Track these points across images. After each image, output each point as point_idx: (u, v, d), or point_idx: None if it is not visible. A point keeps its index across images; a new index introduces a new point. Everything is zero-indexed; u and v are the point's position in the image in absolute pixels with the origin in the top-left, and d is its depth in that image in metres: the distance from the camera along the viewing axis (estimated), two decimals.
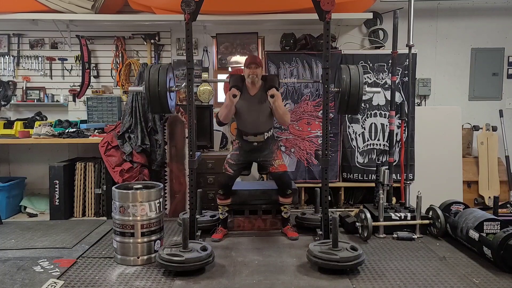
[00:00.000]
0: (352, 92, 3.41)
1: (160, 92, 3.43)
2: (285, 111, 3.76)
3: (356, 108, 3.53)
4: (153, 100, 3.47)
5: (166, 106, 3.53)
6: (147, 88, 3.44)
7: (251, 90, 3.77)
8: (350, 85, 3.40)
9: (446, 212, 3.84)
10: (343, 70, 3.49)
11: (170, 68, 3.63)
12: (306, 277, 2.97)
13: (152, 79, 3.42)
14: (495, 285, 2.85)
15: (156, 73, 3.44)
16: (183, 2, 3.32)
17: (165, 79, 3.45)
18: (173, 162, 4.56)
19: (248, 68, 3.69)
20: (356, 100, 3.43)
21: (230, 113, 3.72)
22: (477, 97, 5.27)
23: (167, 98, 3.49)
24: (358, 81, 3.40)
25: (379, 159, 4.79)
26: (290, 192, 3.80)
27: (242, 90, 3.72)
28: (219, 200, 3.85)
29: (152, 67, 3.51)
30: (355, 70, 3.46)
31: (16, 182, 4.78)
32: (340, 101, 3.51)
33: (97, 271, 3.09)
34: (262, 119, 3.76)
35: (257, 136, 3.77)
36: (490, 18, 5.18)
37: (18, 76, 5.16)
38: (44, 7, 4.61)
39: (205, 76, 5.06)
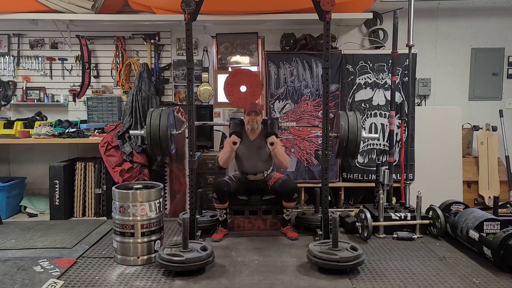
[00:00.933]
0: (350, 138, 3.44)
1: (161, 137, 3.45)
2: (284, 157, 3.84)
3: (354, 154, 3.57)
4: (154, 144, 3.49)
5: (166, 149, 3.55)
6: (148, 133, 3.46)
7: (251, 136, 3.88)
8: (348, 132, 3.44)
9: (446, 212, 3.84)
10: (341, 117, 3.52)
11: (171, 112, 3.67)
12: (306, 277, 2.97)
13: (154, 124, 3.44)
14: (495, 285, 2.85)
15: (157, 118, 3.46)
16: (183, 2, 3.32)
17: (166, 124, 3.46)
18: (173, 162, 4.56)
19: (247, 115, 3.78)
20: (354, 146, 3.47)
21: (230, 158, 3.83)
22: (477, 97, 5.27)
23: (168, 142, 3.51)
24: (356, 128, 3.44)
25: (379, 159, 4.79)
26: (296, 196, 3.82)
27: (242, 136, 3.81)
28: (215, 203, 3.86)
29: (154, 112, 3.53)
30: (353, 117, 3.49)
31: (16, 182, 4.78)
32: (339, 147, 3.54)
33: (97, 271, 3.09)
34: (262, 162, 3.89)
35: (257, 175, 3.92)
36: (490, 18, 5.18)
37: (18, 76, 5.16)
38: (44, 7, 4.60)
39: (205, 76, 5.05)
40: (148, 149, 3.66)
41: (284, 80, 4.82)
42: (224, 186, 3.77)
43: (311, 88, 4.83)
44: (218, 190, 3.77)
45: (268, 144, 3.71)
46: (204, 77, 5.05)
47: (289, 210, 3.89)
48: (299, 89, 4.83)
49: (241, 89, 4.38)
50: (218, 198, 3.78)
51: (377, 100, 4.82)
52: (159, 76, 5.07)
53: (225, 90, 4.63)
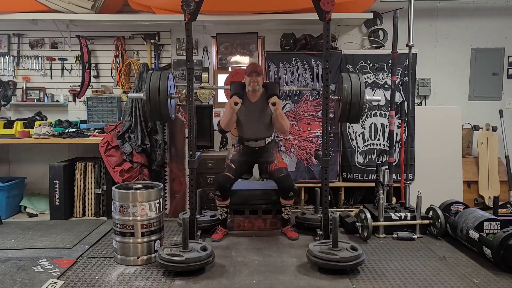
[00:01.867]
0: (353, 101, 3.41)
1: (160, 99, 3.43)
2: (285, 120, 3.78)
3: (357, 117, 3.54)
4: (154, 107, 3.46)
5: (166, 113, 3.52)
6: (147, 95, 3.44)
7: (252, 98, 3.80)
8: (351, 94, 3.40)
9: (446, 212, 3.84)
10: (344, 79, 3.49)
11: (171, 74, 3.63)
12: (306, 277, 2.97)
13: (153, 86, 3.42)
14: (495, 285, 2.85)
15: (157, 80, 3.43)
16: (183, 2, 3.32)
17: (166, 86, 3.44)
18: (173, 162, 4.56)
19: (249, 76, 3.71)
20: (357, 109, 3.44)
21: (232, 121, 3.74)
22: (477, 97, 5.27)
23: (167, 105, 3.49)
24: (359, 90, 3.41)
25: (379, 159, 4.79)
26: (292, 194, 3.79)
27: (243, 98, 3.74)
28: (217, 201, 3.84)
29: (153, 74, 3.50)
30: (356, 79, 3.46)
31: (16, 182, 4.78)
32: (342, 110, 3.51)
33: (97, 271, 3.09)
34: (263, 126, 3.80)
35: (258, 141, 3.82)
36: (490, 18, 5.18)
37: (18, 76, 5.16)
38: (44, 7, 4.60)
39: (205, 76, 5.05)
40: (147, 113, 3.61)
41: (284, 80, 4.82)
42: (226, 182, 3.76)
43: None
44: (221, 186, 3.75)
45: (270, 104, 3.63)
46: (204, 77, 5.05)
47: (287, 209, 3.88)
48: None
49: None
50: (221, 195, 3.77)
51: None
52: None
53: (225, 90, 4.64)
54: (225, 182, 3.76)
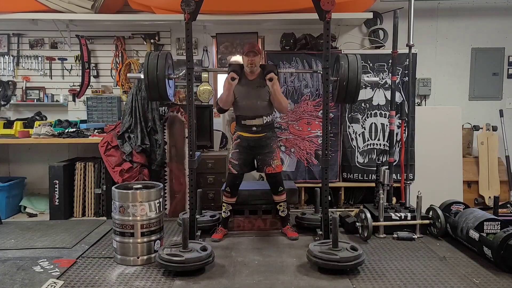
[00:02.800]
0: (350, 79, 3.41)
1: (158, 77, 3.43)
2: (283, 97, 3.76)
3: (354, 96, 3.52)
4: (152, 86, 3.47)
5: (164, 93, 3.52)
6: (145, 74, 3.44)
7: (250, 76, 3.77)
8: (348, 72, 3.40)
9: (446, 212, 3.84)
10: (341, 58, 3.50)
11: (169, 55, 3.65)
12: (306, 277, 2.97)
13: (151, 65, 3.42)
14: (495, 285, 2.85)
15: (155, 59, 3.44)
16: (183, 2, 3.32)
17: (164, 66, 3.45)
18: (173, 162, 4.55)
19: (246, 56, 3.67)
20: (355, 87, 3.44)
21: (230, 97, 3.72)
22: (477, 97, 5.27)
23: (165, 85, 3.49)
24: (356, 68, 3.41)
25: (379, 159, 4.79)
26: (281, 189, 3.83)
27: (241, 76, 3.72)
28: (225, 197, 3.85)
29: (152, 54, 3.51)
30: (353, 58, 3.47)
31: (16, 182, 4.78)
32: (339, 90, 3.51)
33: (97, 271, 3.09)
34: (261, 103, 3.76)
35: (256, 119, 3.76)
36: (490, 18, 5.18)
37: (18, 76, 5.16)
38: (44, 7, 4.60)
39: (205, 76, 5.05)
40: (146, 93, 3.62)
41: (284, 80, 4.82)
42: (235, 179, 3.80)
43: (311, 88, 4.82)
44: (232, 184, 3.80)
45: (267, 80, 3.61)
46: (204, 77, 5.05)
47: (281, 205, 3.87)
48: (299, 89, 4.83)
49: None
50: (231, 191, 3.81)
51: (377, 100, 4.82)
52: None
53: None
54: (235, 179, 3.80)
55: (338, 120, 4.82)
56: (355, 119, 4.85)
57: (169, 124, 4.55)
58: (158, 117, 4.45)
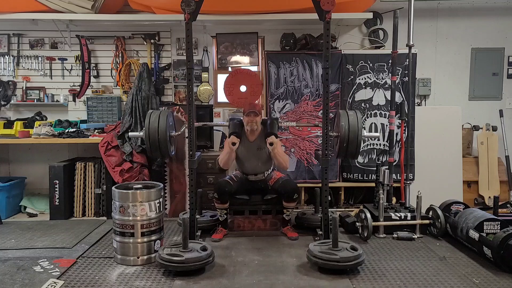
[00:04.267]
0: (351, 138, 3.42)
1: (160, 139, 3.45)
2: (284, 157, 3.83)
3: (355, 154, 3.54)
4: (153, 146, 3.49)
5: (166, 152, 3.55)
6: (147, 135, 3.46)
7: (250, 137, 3.86)
8: (348, 132, 3.41)
9: (446, 212, 3.84)
10: (342, 116, 3.50)
11: (170, 113, 3.66)
12: (306, 277, 2.97)
13: (152, 127, 3.44)
14: (495, 285, 2.85)
15: (156, 121, 3.46)
16: (183, 2, 3.32)
17: (165, 126, 3.46)
18: (173, 162, 4.56)
19: (247, 116, 3.75)
20: (355, 146, 3.45)
21: (230, 159, 3.81)
22: (477, 97, 5.27)
23: (167, 144, 3.50)
24: (356, 127, 3.41)
25: (379, 159, 4.79)
26: (296, 197, 3.82)
27: (241, 136, 3.80)
28: (216, 203, 3.86)
29: (153, 114, 3.52)
30: (354, 117, 3.46)
31: (16, 182, 4.78)
32: (339, 147, 3.53)
33: (97, 271, 3.09)
34: (262, 163, 3.88)
35: (258, 175, 3.91)
36: (490, 18, 5.18)
37: (18, 76, 5.16)
38: (44, 7, 4.60)
39: (205, 76, 5.05)
40: (147, 151, 3.66)
41: (284, 80, 4.82)
42: (225, 186, 3.77)
43: (311, 88, 4.83)
44: (220, 190, 3.76)
45: (267, 144, 3.70)
46: (204, 77, 5.05)
47: (289, 210, 3.89)
48: (299, 89, 4.83)
49: (241, 89, 4.38)
50: (219, 198, 3.78)
51: (377, 100, 4.82)
52: (159, 76, 5.07)
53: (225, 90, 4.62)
54: (224, 186, 3.78)
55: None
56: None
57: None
58: None
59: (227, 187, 3.77)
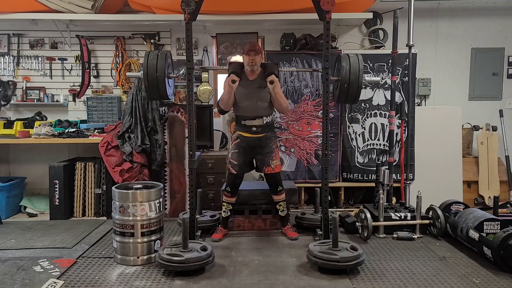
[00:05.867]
0: (351, 79, 3.41)
1: (158, 77, 3.43)
2: (283, 99, 3.76)
3: (355, 97, 3.52)
4: (152, 86, 3.47)
5: (164, 92, 3.52)
6: (145, 73, 3.44)
7: (250, 76, 3.76)
8: (349, 73, 3.40)
9: (446, 212, 3.84)
10: (343, 59, 3.49)
11: (169, 54, 3.65)
12: (306, 277, 2.97)
13: (151, 65, 3.42)
14: (495, 285, 2.85)
15: (154, 59, 3.44)
16: (183, 2, 3.32)
17: (164, 65, 3.45)
18: (173, 162, 4.56)
19: (247, 55, 3.66)
20: (356, 88, 3.43)
21: (231, 99, 3.71)
22: (477, 97, 5.27)
23: (165, 84, 3.49)
24: (358, 68, 3.41)
25: (379, 159, 4.79)
26: (281, 189, 3.83)
27: (241, 77, 3.71)
28: (225, 197, 3.85)
29: (151, 53, 3.51)
30: (355, 58, 3.46)
31: (16, 182, 4.78)
32: (340, 90, 3.51)
33: (97, 271, 3.09)
34: (261, 104, 3.75)
35: (256, 119, 3.75)
36: (490, 18, 5.18)
37: (18, 76, 5.16)
38: (44, 7, 4.60)
39: (205, 76, 5.05)
40: (146, 92, 3.63)
41: (284, 80, 4.82)
42: (236, 179, 3.80)
43: (311, 88, 4.83)
44: (232, 184, 3.80)
45: (268, 83, 3.61)
46: (204, 77, 5.05)
47: (281, 205, 3.87)
48: (299, 89, 4.83)
49: None
50: (231, 191, 3.82)
51: (377, 100, 4.82)
52: None
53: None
54: (235, 179, 3.80)
55: (338, 120, 4.82)
56: (355, 119, 4.85)
57: (169, 124, 4.55)
58: (158, 117, 4.46)
59: (238, 179, 3.81)
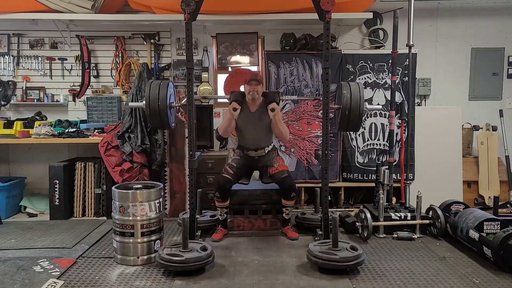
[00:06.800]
0: (353, 108, 3.41)
1: (160, 107, 3.44)
2: (284, 127, 3.80)
3: (357, 125, 3.53)
4: (153, 115, 3.48)
5: (166, 121, 3.54)
6: (147, 103, 3.45)
7: (252, 107, 3.81)
8: (350, 101, 3.40)
9: (446, 212, 3.84)
10: (343, 87, 3.49)
11: (171, 83, 3.65)
12: (306, 277, 2.97)
13: (153, 94, 3.43)
14: (495, 285, 2.85)
15: (156, 88, 3.45)
16: (183, 2, 3.32)
17: (166, 95, 3.45)
18: (173, 162, 4.56)
19: (248, 85, 3.71)
20: (357, 116, 3.43)
21: (230, 127, 3.76)
22: (477, 97, 5.27)
23: (167, 114, 3.50)
24: (358, 97, 3.41)
25: (379, 159, 4.79)
26: (294, 195, 3.78)
27: (243, 106, 3.75)
28: (217, 202, 3.84)
29: (153, 83, 3.52)
30: (356, 86, 3.46)
31: (16, 182, 4.78)
32: (341, 118, 3.51)
33: (97, 271, 3.09)
34: (263, 135, 3.82)
35: (258, 151, 3.85)
36: (490, 18, 5.18)
37: (18, 76, 5.16)
38: (44, 7, 4.60)
39: (205, 76, 5.05)
40: (148, 121, 3.63)
41: (284, 80, 4.83)
42: (225, 184, 3.75)
43: (311, 88, 4.83)
44: (220, 188, 3.75)
45: (269, 110, 3.64)
46: (204, 77, 5.05)
47: (288, 209, 3.88)
48: (299, 89, 4.83)
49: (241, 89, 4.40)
50: (221, 196, 3.77)
51: (377, 100, 4.82)
52: (159, 76, 5.07)
53: (225, 90, 4.64)
54: (225, 183, 3.75)
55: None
56: None
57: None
58: None
59: (227, 184, 3.76)
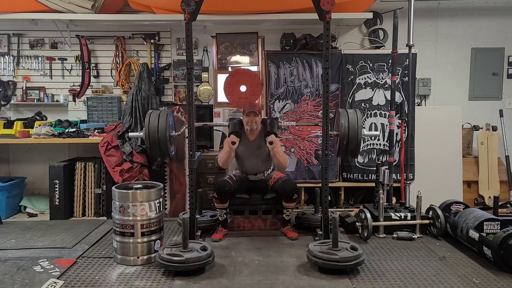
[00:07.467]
0: (350, 136, 3.42)
1: (159, 137, 3.44)
2: (283, 157, 3.84)
3: (355, 152, 3.54)
4: (153, 145, 3.49)
5: (166, 151, 3.55)
6: (146, 134, 3.46)
7: (250, 136, 3.87)
8: (348, 130, 3.41)
9: (446, 212, 3.84)
10: (341, 115, 3.49)
11: (170, 113, 3.66)
12: (306, 277, 2.97)
13: (152, 126, 3.44)
14: (495, 285, 2.85)
15: (156, 120, 3.45)
16: (183, 2, 3.32)
17: (165, 125, 3.46)
18: (173, 162, 4.55)
19: (246, 116, 3.76)
20: (355, 144, 3.44)
21: (229, 159, 3.82)
22: (477, 97, 5.27)
23: (167, 144, 3.50)
24: (356, 125, 3.41)
25: (379, 159, 4.79)
26: (296, 197, 3.82)
27: (241, 136, 3.81)
28: (216, 203, 3.85)
29: (152, 113, 3.52)
30: (354, 115, 3.46)
31: (16, 182, 4.78)
32: (339, 145, 3.52)
33: (97, 271, 3.09)
34: (262, 162, 3.89)
35: (257, 175, 3.93)
36: (490, 18, 5.18)
37: (18, 76, 5.16)
38: (44, 7, 4.60)
39: (205, 76, 5.05)
40: (148, 151, 3.65)
41: (284, 80, 4.82)
42: (225, 186, 3.77)
43: (311, 88, 4.83)
44: (219, 190, 3.76)
45: (267, 143, 3.71)
46: (204, 77, 5.05)
47: (288, 211, 3.89)
48: (299, 89, 4.83)
49: (241, 89, 4.39)
50: (219, 198, 3.78)
51: (377, 100, 4.82)
52: (159, 76, 5.07)
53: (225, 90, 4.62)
54: (224, 185, 3.77)
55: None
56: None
57: None
58: None
59: (226, 187, 3.77)
